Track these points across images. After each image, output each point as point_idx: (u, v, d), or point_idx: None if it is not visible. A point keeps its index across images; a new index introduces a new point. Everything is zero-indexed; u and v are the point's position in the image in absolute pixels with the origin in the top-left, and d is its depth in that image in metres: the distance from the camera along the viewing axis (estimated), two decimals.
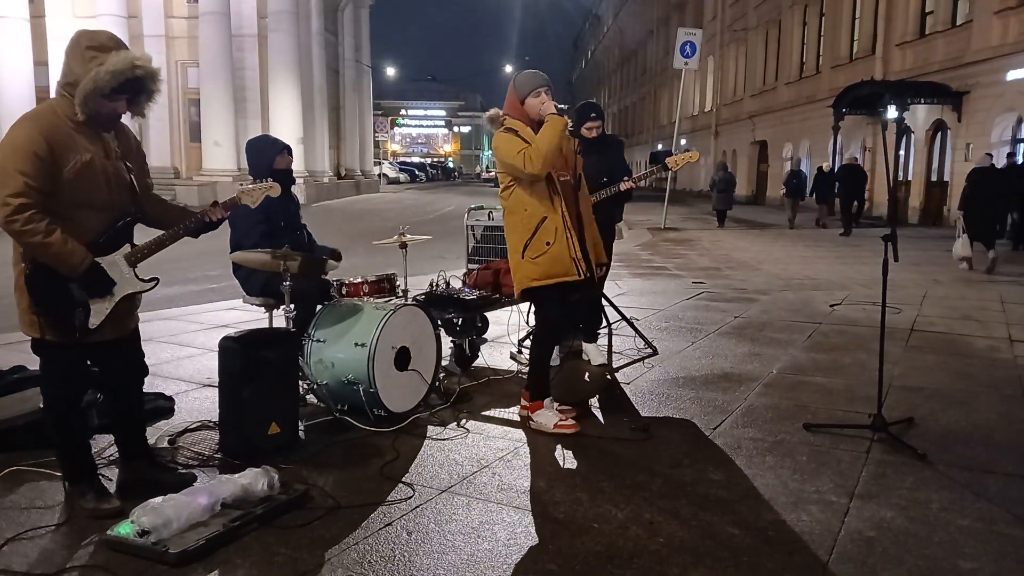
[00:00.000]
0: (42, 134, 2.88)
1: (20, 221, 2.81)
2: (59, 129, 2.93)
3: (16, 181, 2.81)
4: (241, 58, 27.19)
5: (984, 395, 4.95)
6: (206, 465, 3.65)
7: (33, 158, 2.83)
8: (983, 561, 2.84)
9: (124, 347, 3.26)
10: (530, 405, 4.27)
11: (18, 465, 3.52)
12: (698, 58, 19.54)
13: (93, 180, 2.99)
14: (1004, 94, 17.65)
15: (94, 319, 3.03)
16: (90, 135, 3.01)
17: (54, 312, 2.98)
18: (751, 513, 3.21)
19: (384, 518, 3.13)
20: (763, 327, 7.09)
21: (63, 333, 3.00)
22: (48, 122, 2.94)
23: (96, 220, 3.03)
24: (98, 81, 2.89)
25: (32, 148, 2.84)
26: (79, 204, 2.97)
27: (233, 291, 5.84)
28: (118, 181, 3.08)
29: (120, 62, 2.91)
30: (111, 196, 3.05)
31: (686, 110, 41.07)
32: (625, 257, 12.61)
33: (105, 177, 3.03)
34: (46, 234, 2.84)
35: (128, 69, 2.93)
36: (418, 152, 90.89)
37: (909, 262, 11.89)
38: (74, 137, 2.96)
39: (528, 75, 4.23)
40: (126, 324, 3.21)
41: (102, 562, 2.74)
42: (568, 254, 4.10)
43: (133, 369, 3.35)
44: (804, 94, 28.89)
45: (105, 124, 3.06)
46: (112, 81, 2.91)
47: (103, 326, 3.08)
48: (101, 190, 3.02)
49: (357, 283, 4.71)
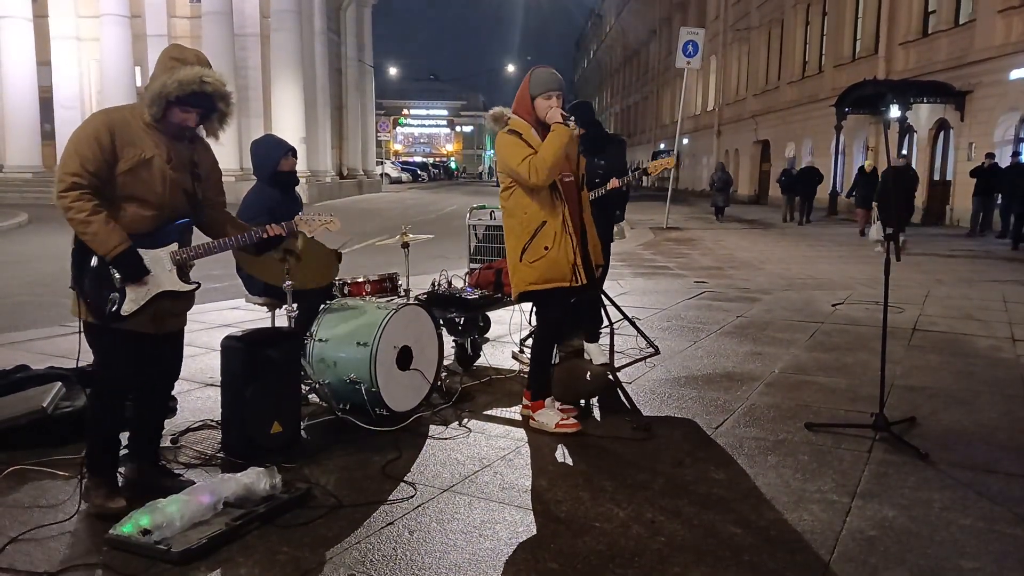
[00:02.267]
0: (108, 124, 3.06)
1: (70, 198, 2.98)
2: (128, 124, 3.09)
3: (74, 161, 3.00)
4: (244, 57, 27.24)
5: (986, 395, 4.95)
6: (208, 464, 3.66)
7: (94, 143, 3.01)
8: (985, 561, 2.84)
9: (163, 347, 3.30)
10: (532, 404, 4.27)
11: (22, 464, 3.54)
12: (700, 57, 19.51)
13: (149, 178, 3.10)
14: (1007, 93, 17.62)
15: (128, 305, 3.09)
16: (159, 138, 3.13)
17: (87, 291, 3.07)
18: (753, 512, 3.21)
19: (386, 517, 3.13)
20: (765, 326, 7.09)
21: (96, 314, 3.08)
22: (119, 116, 3.11)
23: (145, 216, 3.12)
24: (166, 87, 3.05)
25: (95, 135, 3.03)
26: (131, 197, 3.09)
27: (236, 290, 5.84)
28: (175, 186, 3.18)
29: (189, 74, 3.06)
30: (164, 197, 3.15)
31: (688, 109, 41.08)
32: (627, 256, 12.61)
33: (163, 178, 3.13)
34: (91, 213, 2.98)
35: (195, 82, 3.06)
36: (420, 152, 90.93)
37: (911, 261, 11.89)
38: (141, 135, 3.10)
39: (544, 74, 4.14)
40: (166, 322, 3.24)
41: (105, 561, 2.74)
42: (567, 259, 4.06)
43: (168, 369, 3.40)
44: (807, 93, 28.87)
45: (176, 132, 3.17)
46: (178, 90, 3.04)
47: (139, 317, 3.12)
48: (155, 189, 3.12)
49: (359, 282, 4.71)
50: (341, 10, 35.41)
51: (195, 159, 3.27)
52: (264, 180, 4.58)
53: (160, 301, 3.18)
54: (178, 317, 3.33)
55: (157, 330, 3.22)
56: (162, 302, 3.19)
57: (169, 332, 3.30)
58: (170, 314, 3.25)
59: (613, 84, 75.01)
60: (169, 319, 3.26)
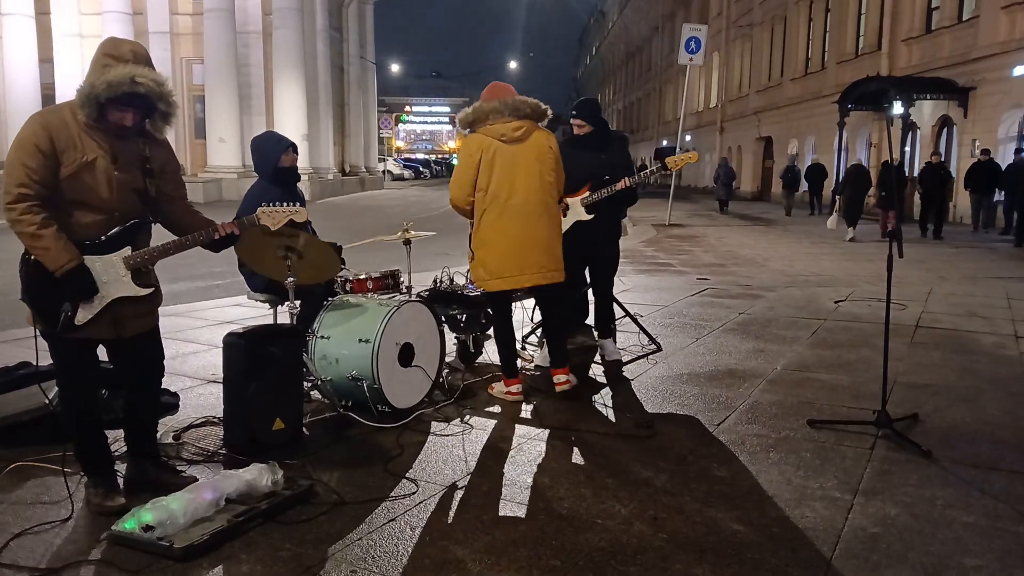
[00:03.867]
0: (45, 129, 2.94)
1: (17, 210, 2.89)
2: (66, 126, 2.97)
3: (20, 171, 2.90)
4: (246, 55, 27.24)
5: (989, 392, 4.94)
6: (210, 461, 3.67)
7: (34, 151, 2.91)
8: (987, 558, 2.84)
9: (136, 346, 3.24)
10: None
11: (24, 460, 3.54)
12: (703, 54, 19.45)
13: (93, 181, 2.99)
14: (1011, 90, 17.56)
15: (82, 314, 3.02)
16: (101, 138, 3.02)
17: (37, 304, 3.02)
18: (755, 509, 3.21)
19: (388, 514, 3.13)
20: (768, 323, 7.08)
21: (49, 323, 3.02)
22: (56, 119, 2.99)
23: (95, 220, 3.03)
24: (94, 88, 2.93)
25: (34, 141, 2.92)
26: (76, 202, 3.00)
27: (238, 287, 5.85)
28: (123, 186, 3.07)
29: (120, 74, 2.92)
30: (112, 200, 3.04)
31: (691, 106, 41.01)
32: (629, 253, 12.58)
33: (108, 180, 3.02)
34: (40, 226, 2.90)
35: (125, 82, 2.92)
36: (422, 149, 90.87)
37: (914, 258, 11.86)
38: (81, 137, 2.98)
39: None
40: (127, 326, 3.15)
41: (107, 557, 2.75)
42: None
43: (145, 369, 3.34)
44: (809, 90, 28.78)
45: (116, 131, 3.05)
46: (107, 91, 2.92)
47: (96, 325, 3.06)
48: (100, 193, 3.02)
49: (361, 279, 4.71)
50: (343, 7, 35.37)
51: (146, 154, 3.13)
52: (266, 177, 4.58)
53: (119, 306, 3.09)
54: (142, 319, 3.21)
55: (119, 334, 3.14)
56: (121, 307, 3.10)
57: (138, 334, 3.20)
58: (131, 318, 3.15)
59: (616, 81, 74.85)
60: (130, 322, 3.15)
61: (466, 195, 4.50)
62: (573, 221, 5.22)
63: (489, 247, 4.49)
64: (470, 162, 4.45)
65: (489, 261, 4.50)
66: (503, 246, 4.47)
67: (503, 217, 4.45)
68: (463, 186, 4.49)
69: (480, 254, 4.53)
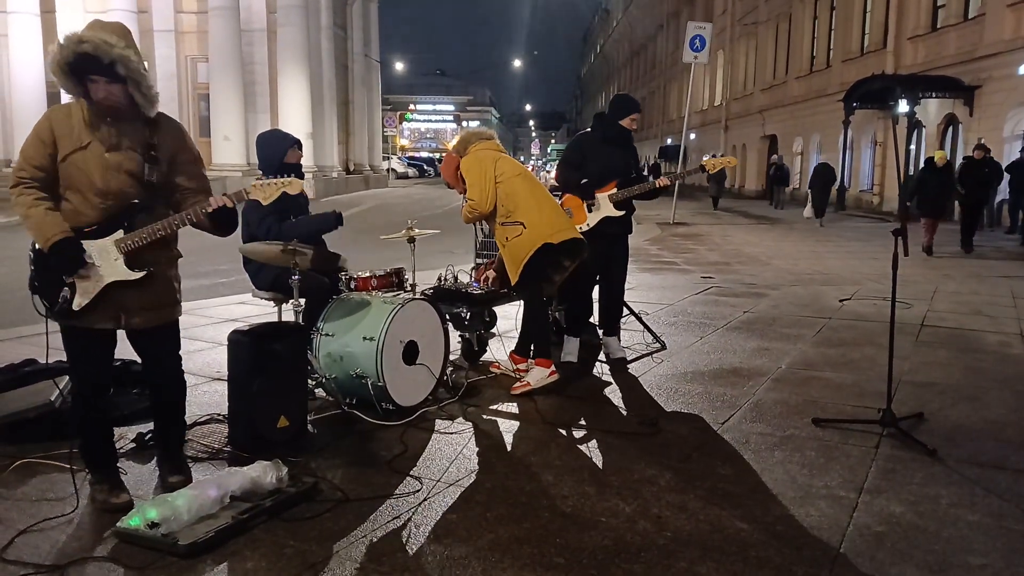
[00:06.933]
0: (48, 120, 3.09)
1: (15, 193, 3.06)
2: (69, 116, 3.06)
3: (20, 159, 3.10)
4: (250, 53, 27.25)
5: (995, 391, 4.92)
6: (215, 458, 3.68)
7: (36, 140, 3.06)
8: (992, 557, 2.83)
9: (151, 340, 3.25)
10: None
11: (29, 457, 3.55)
12: (708, 52, 19.45)
13: (84, 165, 3.03)
14: (1017, 88, 17.50)
15: (79, 299, 3.04)
16: (99, 125, 3.05)
17: (40, 289, 3.09)
18: (759, 508, 3.20)
19: (392, 511, 3.14)
20: (772, 322, 7.07)
21: (49, 311, 3.08)
22: (61, 111, 3.10)
23: (89, 205, 3.06)
24: (54, 58, 2.96)
25: (37, 131, 3.08)
26: (71, 188, 3.08)
27: (243, 285, 5.86)
28: (116, 169, 3.05)
29: (68, 39, 2.94)
30: (106, 184, 3.04)
31: (696, 104, 40.92)
32: (634, 252, 12.52)
33: (100, 164, 3.03)
34: (30, 205, 3.02)
35: (73, 44, 2.91)
36: (427, 147, 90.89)
37: (919, 257, 11.84)
38: (80, 127, 3.04)
39: None
40: (131, 317, 3.12)
41: (112, 554, 2.76)
42: None
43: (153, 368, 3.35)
44: (814, 88, 28.72)
45: (114, 114, 3.03)
46: (61, 57, 2.92)
47: (95, 314, 3.06)
48: (91, 177, 3.03)
49: (366, 277, 4.71)
50: (348, 5, 35.37)
51: (153, 142, 3.10)
52: (271, 174, 4.58)
53: (119, 295, 3.08)
54: (149, 312, 3.16)
55: (122, 326, 3.13)
56: (122, 297, 3.08)
57: (147, 328, 3.18)
58: (137, 309, 3.12)
59: (620, 79, 74.72)
60: (135, 314, 3.13)
61: (492, 198, 4.79)
62: (602, 216, 5.34)
63: (538, 209, 4.75)
64: (488, 168, 4.79)
65: (543, 220, 4.73)
66: (548, 206, 4.84)
67: (534, 185, 4.87)
68: (486, 191, 4.76)
69: (532, 218, 4.71)
